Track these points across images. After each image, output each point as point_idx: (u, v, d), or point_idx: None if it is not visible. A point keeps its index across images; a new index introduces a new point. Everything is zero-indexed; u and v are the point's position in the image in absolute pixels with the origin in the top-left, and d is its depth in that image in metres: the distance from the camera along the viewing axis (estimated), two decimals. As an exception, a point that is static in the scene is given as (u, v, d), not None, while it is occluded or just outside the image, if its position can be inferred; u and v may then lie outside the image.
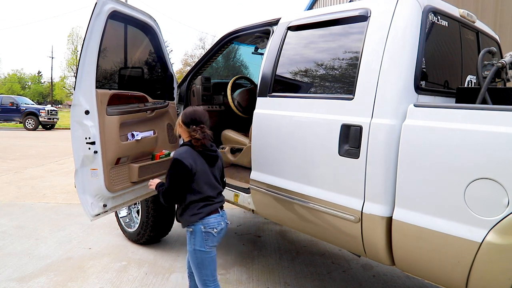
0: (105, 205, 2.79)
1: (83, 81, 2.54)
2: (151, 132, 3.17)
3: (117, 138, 2.77)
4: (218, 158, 2.25)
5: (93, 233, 4.17)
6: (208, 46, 37.58)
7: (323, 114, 2.28)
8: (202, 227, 2.12)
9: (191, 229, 2.14)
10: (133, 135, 2.95)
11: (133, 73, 3.24)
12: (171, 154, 3.39)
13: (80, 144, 2.58)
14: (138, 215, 3.78)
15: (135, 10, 3.01)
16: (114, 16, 2.73)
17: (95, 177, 2.67)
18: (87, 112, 2.56)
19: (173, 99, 3.55)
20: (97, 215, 2.74)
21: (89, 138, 2.57)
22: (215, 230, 2.14)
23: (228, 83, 4.02)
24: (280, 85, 2.68)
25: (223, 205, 2.28)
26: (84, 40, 2.54)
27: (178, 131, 2.23)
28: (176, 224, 4.13)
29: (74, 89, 2.57)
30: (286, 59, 2.65)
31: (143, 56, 3.37)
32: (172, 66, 3.57)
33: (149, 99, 3.18)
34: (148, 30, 3.23)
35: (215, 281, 2.22)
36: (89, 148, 2.58)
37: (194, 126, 2.11)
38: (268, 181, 2.64)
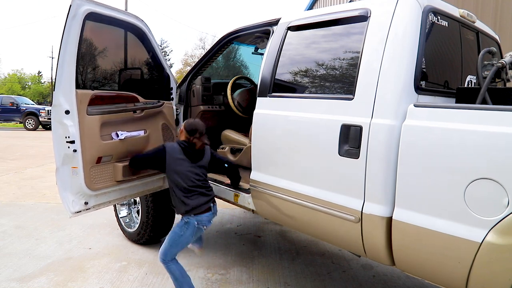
0: (86, 203, 2.80)
1: (63, 82, 2.58)
2: (141, 132, 3.16)
3: (97, 138, 2.77)
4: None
5: (93, 233, 4.17)
6: (208, 46, 37.59)
7: (323, 114, 2.28)
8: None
9: (185, 220, 2.67)
10: (117, 135, 2.95)
11: (125, 74, 3.24)
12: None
13: (61, 143, 2.61)
14: (138, 215, 3.78)
15: (116, 11, 2.97)
16: (93, 17, 2.74)
17: (75, 175, 2.69)
18: (67, 112, 2.59)
19: (169, 99, 3.54)
20: (77, 212, 2.76)
21: (69, 137, 2.60)
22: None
23: (228, 83, 4.03)
24: (280, 85, 2.68)
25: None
26: (61, 42, 2.57)
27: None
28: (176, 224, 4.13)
29: (53, 90, 2.60)
30: (286, 59, 2.65)
31: (134, 57, 3.35)
32: (168, 66, 3.56)
33: (140, 99, 3.17)
34: (136, 31, 3.21)
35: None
36: (69, 147, 2.61)
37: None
38: (268, 181, 2.64)
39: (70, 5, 2.57)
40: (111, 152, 2.91)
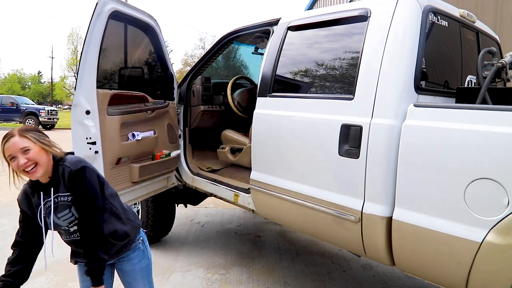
0: None
1: (84, 81, 2.55)
2: (152, 132, 3.17)
3: (118, 138, 2.77)
4: None
5: (93, 233, 4.16)
6: (208, 46, 37.57)
7: (323, 114, 2.28)
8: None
9: (141, 239, 1.90)
10: (133, 135, 2.96)
11: (133, 73, 3.25)
12: (172, 154, 3.38)
13: (81, 144, 2.58)
14: (138, 215, 3.78)
15: (135, 10, 3.01)
16: (115, 16, 2.74)
17: None
18: (88, 112, 2.56)
19: (173, 99, 3.55)
20: None
21: (90, 138, 2.57)
22: None
23: (228, 83, 4.03)
24: (280, 85, 2.68)
25: None
26: (85, 40, 2.55)
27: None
28: (176, 224, 4.13)
29: (75, 89, 2.58)
30: (286, 59, 2.65)
31: (144, 56, 3.38)
32: (172, 66, 3.58)
33: (150, 99, 3.19)
34: (148, 30, 3.23)
35: None
36: (90, 148, 2.59)
37: None
38: (268, 181, 2.64)
39: (97, 3, 2.56)
40: (129, 153, 2.91)
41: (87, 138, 2.57)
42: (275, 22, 2.85)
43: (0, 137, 1.63)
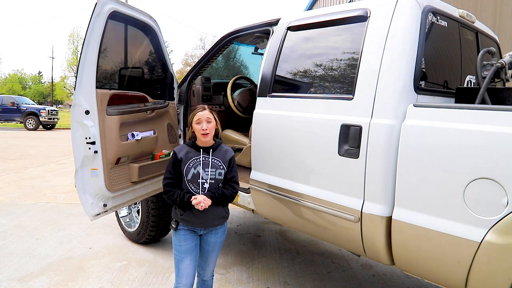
0: (105, 205, 2.80)
1: (83, 81, 2.56)
2: (151, 132, 3.17)
3: (117, 138, 2.78)
4: None
5: (93, 232, 4.18)
6: (208, 46, 37.58)
7: (323, 114, 2.28)
8: None
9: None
10: (133, 135, 2.96)
11: (133, 73, 3.25)
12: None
13: (80, 144, 2.59)
14: (138, 215, 3.78)
15: (135, 10, 3.02)
16: (114, 16, 2.75)
17: (95, 177, 2.68)
18: (87, 112, 2.57)
19: (173, 99, 3.56)
20: (97, 214, 2.75)
21: (89, 138, 2.58)
22: None
23: (228, 83, 4.03)
24: (280, 85, 2.69)
25: None
26: (84, 41, 2.56)
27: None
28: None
29: (74, 89, 2.58)
30: (286, 59, 2.66)
31: (144, 56, 3.38)
32: (172, 66, 3.58)
33: (149, 99, 3.19)
34: (148, 30, 3.24)
35: None
36: (89, 148, 2.59)
37: None
38: (268, 181, 2.65)
39: (96, 3, 2.57)
40: (129, 153, 2.92)
41: (86, 138, 2.58)
42: (275, 22, 2.86)
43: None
